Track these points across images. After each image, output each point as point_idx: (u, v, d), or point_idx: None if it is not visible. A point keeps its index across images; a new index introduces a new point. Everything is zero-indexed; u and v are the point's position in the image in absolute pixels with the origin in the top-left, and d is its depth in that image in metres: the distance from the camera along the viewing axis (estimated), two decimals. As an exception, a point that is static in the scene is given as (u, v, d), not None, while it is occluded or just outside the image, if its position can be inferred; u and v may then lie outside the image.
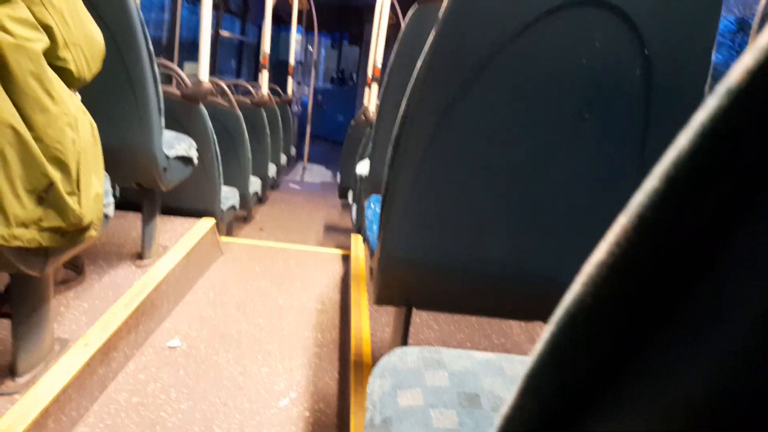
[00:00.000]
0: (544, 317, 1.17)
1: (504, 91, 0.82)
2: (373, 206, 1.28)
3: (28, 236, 0.92)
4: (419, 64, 0.86)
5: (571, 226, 0.95)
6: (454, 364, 0.63)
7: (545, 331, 0.19)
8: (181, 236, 2.04)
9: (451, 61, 0.81)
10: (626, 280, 0.17)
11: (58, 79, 0.94)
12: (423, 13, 1.42)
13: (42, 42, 0.88)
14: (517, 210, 0.91)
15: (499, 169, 0.90)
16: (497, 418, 0.23)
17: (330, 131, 7.85)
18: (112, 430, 1.20)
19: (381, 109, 1.65)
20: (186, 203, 2.29)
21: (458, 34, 0.79)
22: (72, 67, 0.97)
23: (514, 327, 1.84)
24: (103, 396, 1.30)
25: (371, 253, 1.11)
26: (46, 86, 0.89)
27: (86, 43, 1.00)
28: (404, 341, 1.18)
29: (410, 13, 1.46)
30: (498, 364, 0.64)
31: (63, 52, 0.94)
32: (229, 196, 2.51)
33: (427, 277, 1.03)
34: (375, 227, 1.14)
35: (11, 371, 1.15)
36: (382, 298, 1.09)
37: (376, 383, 0.62)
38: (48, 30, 0.90)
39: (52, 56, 0.93)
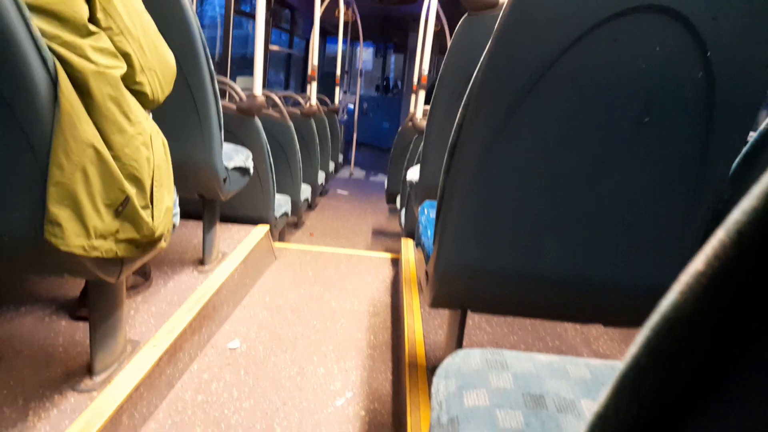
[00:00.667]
0: (600, 320, 1.16)
1: (561, 100, 0.83)
2: (427, 212, 1.31)
3: (106, 247, 0.99)
4: (476, 72, 0.88)
5: (628, 233, 0.94)
6: (518, 366, 0.65)
7: (641, 335, 0.21)
8: (238, 243, 2.13)
9: (508, 71, 0.83)
10: (724, 290, 0.18)
11: (135, 101, 1.01)
12: (473, 23, 1.44)
13: (121, 69, 0.95)
14: (573, 217, 0.92)
15: (555, 176, 0.90)
16: (588, 420, 0.24)
17: (375, 138, 7.93)
18: (179, 427, 1.26)
19: (431, 116, 1.67)
20: (242, 211, 2.38)
21: (515, 44, 0.81)
22: (147, 90, 1.04)
23: (569, 329, 1.82)
24: (171, 394, 1.38)
25: (426, 257, 1.13)
26: (124, 109, 0.96)
27: (160, 67, 1.07)
28: (459, 343, 1.20)
29: (460, 22, 1.48)
30: (561, 366, 0.65)
31: (140, 77, 1.02)
32: (281, 204, 2.59)
33: (482, 281, 1.04)
34: (430, 232, 1.16)
35: (89, 370, 1.24)
36: (437, 301, 1.11)
37: (441, 384, 0.64)
38: (126, 57, 0.97)
39: (129, 81, 1.00)
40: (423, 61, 3.15)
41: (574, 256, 0.96)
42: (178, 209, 1.32)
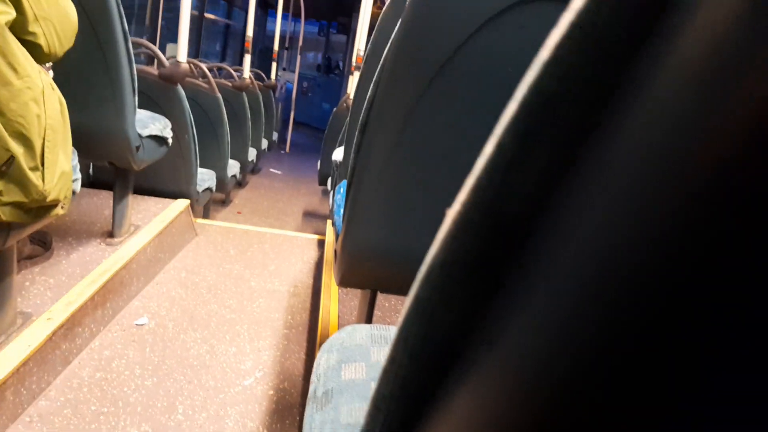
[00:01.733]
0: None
1: (469, 84, 0.84)
2: (342, 191, 1.30)
3: None
4: (386, 51, 0.87)
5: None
6: (401, 341, 0.65)
7: (411, 290, 0.21)
8: (154, 216, 2.04)
9: (416, 55, 0.83)
10: (467, 240, 0.19)
11: (25, 53, 0.93)
12: (398, 4, 1.43)
13: (7, 15, 0.87)
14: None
15: (464, 161, 0.91)
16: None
17: (314, 119, 7.82)
18: (73, 405, 1.20)
19: (356, 96, 1.66)
20: (161, 184, 2.28)
21: (422, 27, 0.81)
22: (42, 41, 0.97)
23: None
24: (66, 371, 1.30)
25: (337, 236, 1.12)
26: (9, 60, 0.88)
27: (58, 18, 0.99)
28: (368, 322, 1.20)
29: (387, 3, 1.46)
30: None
31: (32, 26, 0.94)
32: (205, 179, 2.50)
33: (390, 262, 1.04)
34: (341, 211, 1.16)
35: (-28, 343, 1.15)
36: (345, 280, 1.10)
37: (323, 357, 0.63)
38: (17, 4, 0.89)
39: (20, 30, 0.92)
40: (360, 42, 3.12)
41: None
42: (79, 175, 1.24)
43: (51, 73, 1.11)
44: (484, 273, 0.19)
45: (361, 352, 0.62)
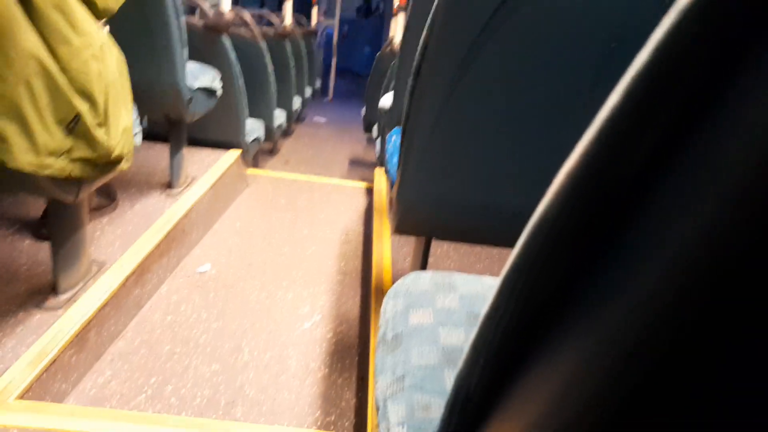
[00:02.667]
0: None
1: (524, 35, 0.80)
2: (395, 138, 1.29)
3: (59, 165, 0.95)
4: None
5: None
6: (465, 288, 0.66)
7: (519, 241, 0.21)
8: (208, 167, 2.09)
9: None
10: (576, 201, 0.18)
11: (84, 10, 0.95)
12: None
13: None
14: (534, 153, 0.91)
15: (518, 113, 0.89)
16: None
17: (356, 64, 7.68)
18: (148, 345, 1.29)
19: (405, 40, 1.61)
20: (212, 135, 2.32)
21: None
22: None
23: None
24: (138, 315, 1.40)
25: (391, 184, 1.12)
26: (70, 18, 0.90)
27: None
28: (423, 268, 1.22)
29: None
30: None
31: None
32: (254, 128, 2.53)
33: (444, 210, 1.04)
34: (395, 159, 1.15)
35: (54, 290, 1.24)
36: (401, 228, 1.11)
37: (390, 303, 0.65)
38: None
39: None
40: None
41: (531, 191, 0.96)
42: (140, 129, 1.27)
43: (107, 29, 1.12)
44: (591, 235, 0.19)
45: (427, 298, 0.64)
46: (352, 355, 1.36)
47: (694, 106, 0.16)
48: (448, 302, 0.63)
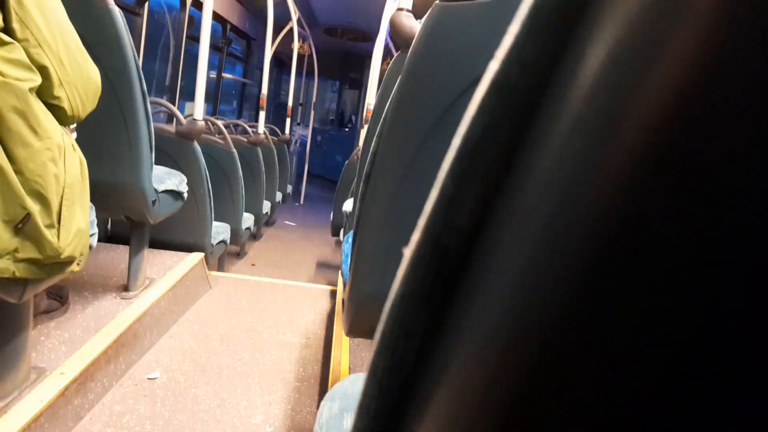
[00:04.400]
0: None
1: None
2: (350, 241, 1.31)
3: (2, 266, 0.94)
4: (389, 103, 0.91)
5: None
6: (404, 389, 0.65)
7: (378, 324, 0.23)
8: (169, 269, 2.07)
9: (417, 104, 0.86)
10: (420, 273, 0.21)
11: (48, 115, 0.99)
12: (404, 61, 1.49)
13: (33, 82, 0.93)
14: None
15: None
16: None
17: (328, 170, 7.96)
18: (82, 461, 1.19)
19: (364, 147, 1.70)
20: (177, 237, 2.32)
21: (423, 77, 0.84)
22: (65, 105, 1.02)
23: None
24: (77, 427, 1.30)
25: (344, 285, 1.13)
26: (31, 122, 0.93)
27: (82, 83, 1.06)
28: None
29: (393, 58, 1.53)
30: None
31: (58, 91, 0.99)
32: (220, 231, 2.54)
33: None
34: (349, 260, 1.17)
35: (-14, 399, 1.16)
36: (353, 329, 1.10)
37: (326, 407, 0.63)
38: (43, 70, 0.95)
39: (46, 94, 0.98)
40: (370, 97, 3.21)
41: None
42: (96, 230, 1.27)
43: (75, 134, 1.17)
44: (437, 302, 0.21)
45: (364, 400, 0.62)
46: (304, 469, 1.28)
47: (500, 165, 0.19)
48: (385, 405, 0.62)
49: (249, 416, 1.46)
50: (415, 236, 0.21)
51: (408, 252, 0.22)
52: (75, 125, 1.24)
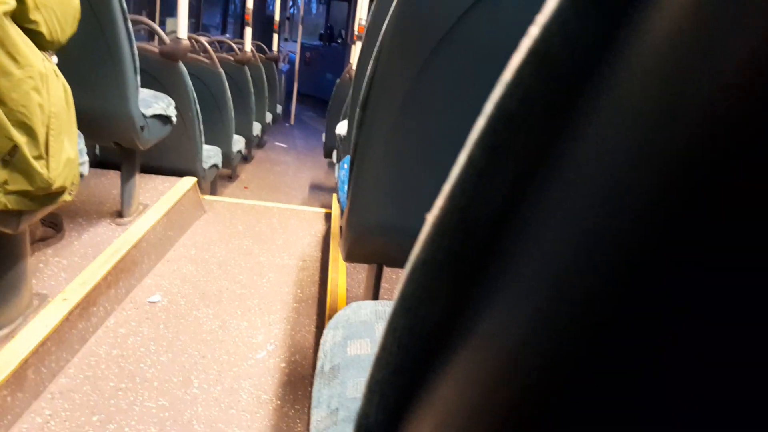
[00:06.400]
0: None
1: (464, 62, 0.83)
2: (346, 167, 1.30)
3: None
4: (385, 26, 0.86)
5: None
6: (404, 317, 0.67)
7: (398, 284, 0.23)
8: (162, 195, 2.06)
9: (413, 31, 0.82)
10: (444, 242, 0.20)
11: (26, 41, 0.93)
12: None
13: (6, 5, 0.87)
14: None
15: (465, 136, 0.91)
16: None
17: (318, 89, 7.74)
18: (92, 381, 1.24)
19: (358, 69, 1.64)
20: (167, 162, 2.29)
21: (419, 3, 0.80)
22: (44, 29, 0.96)
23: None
24: (83, 349, 1.34)
25: (342, 212, 1.13)
26: (9, 50, 0.88)
27: (59, 5, 0.99)
28: (375, 296, 1.22)
29: (387, -30, 1.44)
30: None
31: (34, 15, 0.93)
32: (211, 155, 2.51)
33: (394, 237, 1.05)
34: (346, 187, 1.16)
35: (-9, 325, 1.18)
36: (351, 255, 1.12)
37: (329, 334, 0.65)
38: None
39: (22, 19, 0.92)
40: (362, 11, 3.06)
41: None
42: (86, 158, 1.25)
43: (55, 58, 1.11)
44: (461, 271, 0.21)
45: (366, 328, 0.64)
46: (305, 385, 1.34)
47: (538, 143, 0.18)
48: (387, 332, 0.64)
49: (250, 336, 1.52)
50: (440, 203, 0.20)
51: (431, 218, 0.21)
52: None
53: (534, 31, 0.18)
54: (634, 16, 0.15)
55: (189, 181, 2.24)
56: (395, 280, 1.81)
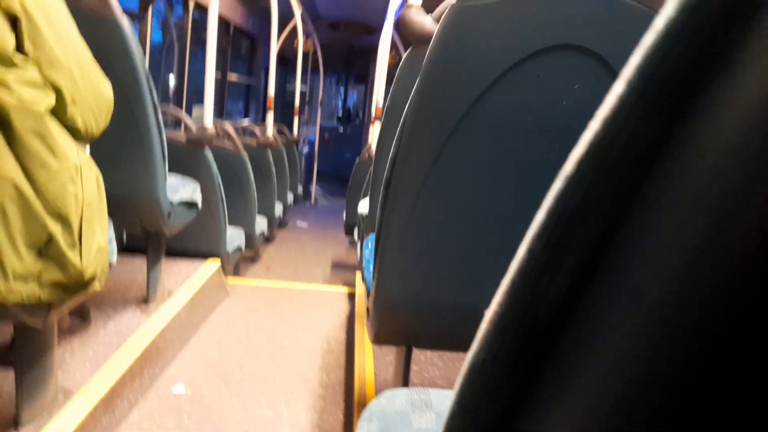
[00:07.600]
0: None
1: (486, 137, 0.84)
2: (371, 245, 1.29)
3: (27, 291, 0.93)
4: (407, 107, 0.88)
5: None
6: (443, 405, 0.63)
7: (456, 385, 0.22)
8: (186, 279, 2.06)
9: (437, 107, 0.84)
10: (505, 340, 0.19)
11: (64, 135, 0.97)
12: (417, 56, 1.46)
13: (48, 102, 0.91)
14: (509, 249, 0.92)
15: (489, 210, 0.91)
16: None
17: (337, 168, 7.94)
18: (113, 480, 1.19)
19: (379, 148, 1.68)
20: (192, 245, 2.32)
21: (442, 80, 0.82)
22: (80, 124, 1.01)
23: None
24: (105, 445, 1.30)
25: (368, 292, 1.11)
26: (49, 143, 0.92)
27: (94, 100, 1.04)
28: (405, 381, 1.17)
29: (405, 55, 1.50)
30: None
31: (71, 110, 0.98)
32: (234, 237, 2.53)
33: (423, 316, 1.02)
34: (371, 266, 1.15)
35: (15, 422, 1.16)
36: (379, 337, 1.08)
37: (365, 427, 0.61)
38: (56, 89, 0.94)
39: (60, 114, 0.97)
40: (378, 93, 3.18)
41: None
42: (114, 246, 1.26)
43: (87, 147, 1.15)
44: (522, 370, 0.20)
45: (403, 420, 0.60)
46: (335, 479, 1.26)
47: (601, 236, 0.17)
48: (425, 423, 0.60)
49: (276, 427, 1.45)
50: (498, 299, 0.19)
51: (489, 315, 0.20)
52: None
53: (595, 125, 0.17)
54: (704, 112, 0.15)
55: (213, 265, 2.25)
56: (424, 362, 1.74)
